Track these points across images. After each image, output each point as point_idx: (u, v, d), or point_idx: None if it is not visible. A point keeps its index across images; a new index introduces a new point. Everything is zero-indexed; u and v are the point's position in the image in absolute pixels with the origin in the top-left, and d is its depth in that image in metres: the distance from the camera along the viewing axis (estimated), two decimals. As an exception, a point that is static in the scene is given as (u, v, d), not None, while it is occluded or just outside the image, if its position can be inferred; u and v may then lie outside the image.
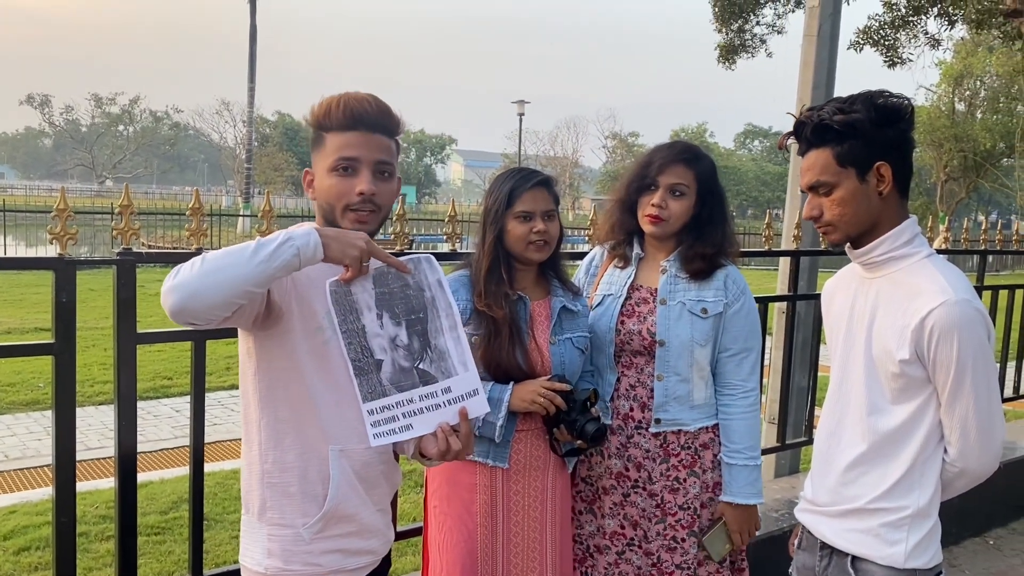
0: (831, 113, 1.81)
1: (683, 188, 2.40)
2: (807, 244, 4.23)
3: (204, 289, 1.51)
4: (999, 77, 30.88)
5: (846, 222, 1.84)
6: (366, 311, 1.69)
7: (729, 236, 2.46)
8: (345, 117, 1.78)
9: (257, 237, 1.59)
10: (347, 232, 1.67)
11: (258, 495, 1.79)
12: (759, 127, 74.90)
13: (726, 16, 12.96)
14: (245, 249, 1.54)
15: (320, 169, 1.80)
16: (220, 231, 24.92)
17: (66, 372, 2.22)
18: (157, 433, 6.80)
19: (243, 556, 1.83)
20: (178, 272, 1.53)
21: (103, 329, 9.46)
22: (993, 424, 1.79)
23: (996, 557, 4.42)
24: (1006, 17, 11.62)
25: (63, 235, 2.21)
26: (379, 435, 1.71)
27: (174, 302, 1.52)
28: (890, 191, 1.81)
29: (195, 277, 1.51)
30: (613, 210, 2.55)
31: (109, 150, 69.67)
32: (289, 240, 1.56)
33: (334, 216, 1.79)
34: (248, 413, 1.80)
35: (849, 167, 1.80)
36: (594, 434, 2.21)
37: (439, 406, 1.72)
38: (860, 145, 1.79)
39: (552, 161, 63.69)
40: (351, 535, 1.81)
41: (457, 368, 1.71)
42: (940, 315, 1.72)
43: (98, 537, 4.50)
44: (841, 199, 1.82)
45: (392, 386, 1.71)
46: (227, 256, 1.53)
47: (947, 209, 34.24)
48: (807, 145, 1.86)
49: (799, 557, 2.07)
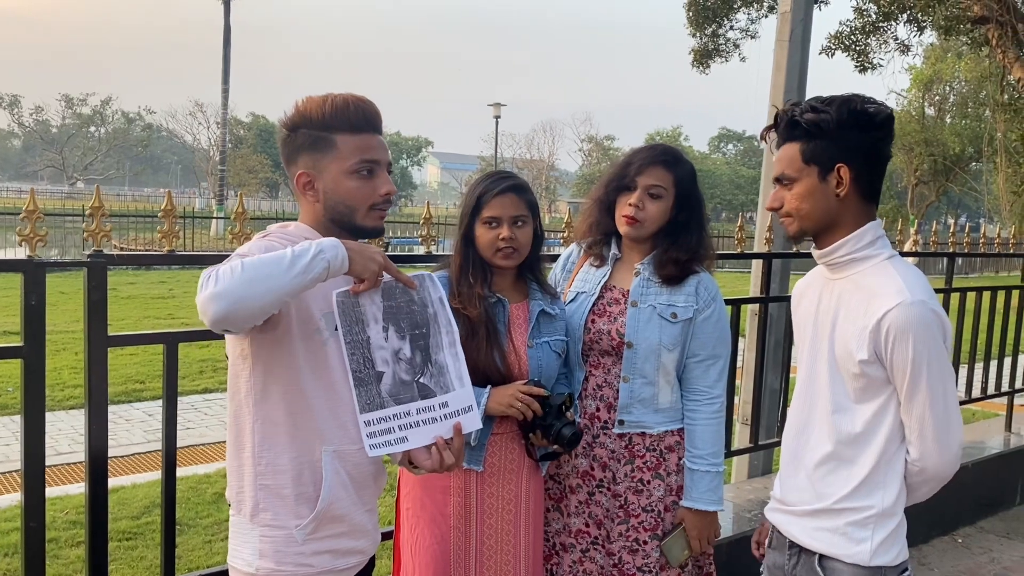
0: (803, 111, 1.86)
1: (661, 190, 2.41)
2: (779, 247, 4.27)
3: (248, 297, 1.52)
4: (968, 83, 31.36)
5: (802, 216, 1.89)
6: (372, 323, 1.72)
7: (704, 243, 2.47)
8: (359, 118, 1.80)
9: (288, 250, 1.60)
10: (367, 247, 1.71)
11: (250, 497, 1.78)
12: (733, 131, 75.53)
13: (700, 21, 13.07)
14: (281, 260, 1.56)
15: (334, 171, 1.79)
16: (193, 233, 24.70)
17: (35, 376, 2.20)
18: (129, 437, 6.73)
19: (232, 557, 1.83)
20: (217, 279, 1.52)
21: (74, 332, 9.34)
22: (950, 424, 1.82)
23: (964, 555, 4.49)
24: (974, 24, 11.81)
25: (32, 237, 2.18)
26: (375, 446, 1.75)
27: (219, 310, 1.52)
28: (848, 193, 1.84)
29: (239, 285, 1.52)
30: (591, 209, 2.56)
31: (80, 151, 68.78)
32: (321, 253, 1.59)
33: (354, 217, 1.81)
34: (240, 415, 1.79)
35: (812, 165, 1.85)
36: (570, 438, 2.22)
37: (435, 420, 1.76)
38: (824, 145, 1.83)
39: (528, 164, 63.80)
40: (342, 535, 1.83)
41: (454, 383, 1.75)
42: (896, 316, 1.76)
43: (68, 543, 4.44)
44: (800, 194, 1.88)
45: (390, 398, 1.74)
46: (265, 266, 1.55)
47: (917, 212, 34.67)
48: (782, 138, 1.91)
49: (770, 556, 2.10)
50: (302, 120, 1.80)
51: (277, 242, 1.77)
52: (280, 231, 1.84)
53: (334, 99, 1.80)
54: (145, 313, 12.48)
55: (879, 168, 1.88)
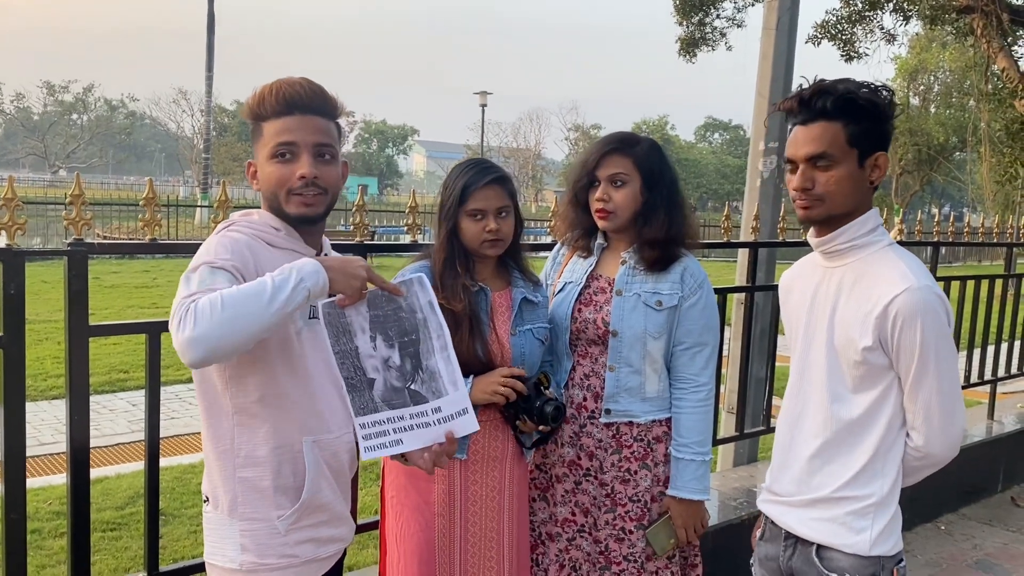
0: (858, 87, 1.80)
1: (623, 177, 2.40)
2: (765, 236, 4.28)
3: (225, 338, 1.52)
4: (952, 73, 31.51)
5: (835, 200, 1.83)
6: (360, 333, 1.71)
7: (678, 221, 2.42)
8: (279, 103, 1.78)
9: (268, 279, 1.58)
10: (349, 261, 1.69)
11: (228, 491, 1.76)
12: (719, 120, 75.51)
13: (687, 9, 13.04)
14: (261, 294, 1.54)
15: (261, 158, 1.80)
16: (177, 222, 24.53)
17: (15, 366, 2.17)
18: (113, 427, 6.69)
19: (211, 554, 1.80)
20: (195, 321, 1.50)
21: (56, 322, 9.26)
22: (955, 408, 1.82)
23: (947, 542, 4.53)
24: (959, 13, 11.84)
25: (11, 225, 2.15)
26: (370, 448, 1.76)
27: (197, 356, 1.52)
28: (878, 183, 1.84)
29: (217, 328, 1.50)
30: (567, 210, 2.56)
31: (62, 139, 68.00)
32: (301, 283, 1.58)
33: (279, 204, 1.79)
34: (213, 409, 1.77)
35: (854, 148, 1.80)
36: (552, 414, 2.23)
37: (428, 424, 1.76)
38: (873, 130, 1.80)
39: (515, 153, 63.67)
40: (323, 524, 1.83)
41: (447, 388, 1.74)
42: (904, 301, 1.75)
43: (52, 534, 4.42)
44: (839, 177, 1.81)
45: (384, 403, 1.74)
46: (244, 302, 1.53)
47: (902, 202, 34.86)
48: (817, 115, 1.82)
49: (762, 548, 2.09)
50: (247, 112, 1.83)
51: (242, 234, 1.75)
52: (244, 220, 1.82)
53: (264, 87, 1.80)
54: (129, 302, 12.39)
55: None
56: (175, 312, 1.54)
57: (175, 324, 1.53)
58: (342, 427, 1.86)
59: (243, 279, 1.66)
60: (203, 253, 1.70)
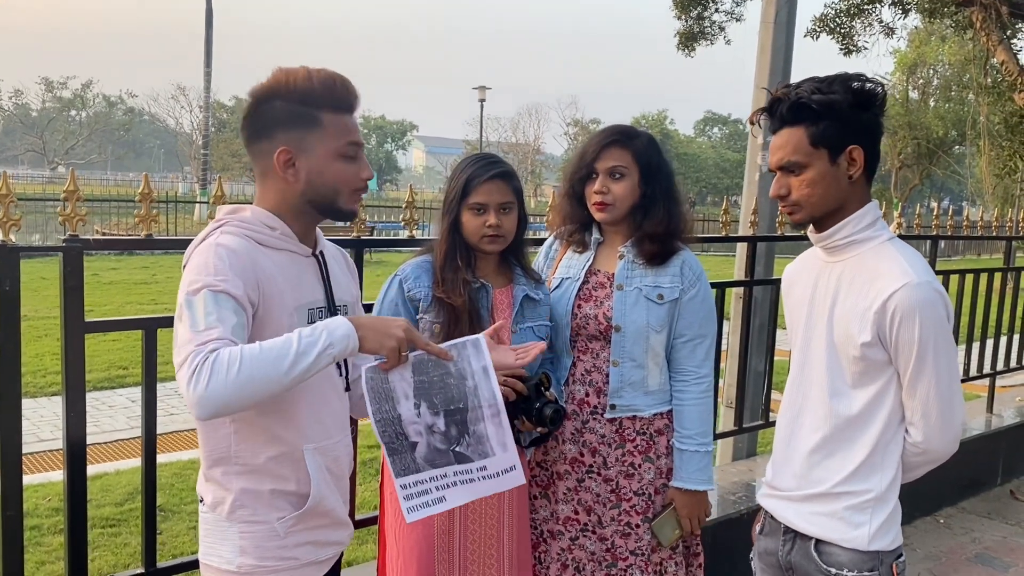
0: (809, 92, 1.79)
1: (622, 169, 2.39)
2: (764, 230, 4.27)
3: (237, 400, 1.48)
4: (951, 66, 31.42)
5: (813, 203, 1.83)
6: (403, 399, 1.64)
7: (677, 215, 2.43)
8: (346, 97, 1.73)
9: (294, 341, 1.53)
10: (386, 322, 1.63)
11: (227, 495, 1.72)
12: (718, 114, 75.42)
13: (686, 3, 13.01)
14: (283, 358, 1.49)
15: (321, 152, 1.70)
16: (176, 218, 24.50)
17: (11, 363, 2.16)
18: (112, 424, 6.69)
19: (207, 555, 1.77)
20: (209, 378, 1.45)
21: (55, 318, 9.23)
22: (954, 404, 1.82)
23: (946, 535, 4.53)
24: (958, 6, 11.82)
25: (6, 221, 2.14)
26: (413, 508, 1.70)
27: (204, 415, 1.49)
28: (860, 175, 1.82)
29: (228, 389, 1.46)
30: (563, 204, 2.55)
31: (61, 135, 67.90)
32: (329, 348, 1.53)
33: (336, 200, 1.74)
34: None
35: (822, 148, 1.80)
36: (552, 416, 2.21)
37: (473, 480, 1.70)
38: (835, 127, 1.78)
39: (514, 148, 63.57)
40: (323, 527, 1.81)
41: (495, 449, 1.68)
42: (902, 297, 1.74)
43: (51, 530, 4.42)
44: (811, 180, 1.81)
45: (426, 463, 1.68)
46: (263, 367, 1.48)
47: (901, 195, 34.82)
48: (780, 123, 1.84)
49: (761, 542, 2.09)
50: (283, 91, 1.69)
51: (235, 236, 1.67)
52: (235, 218, 1.72)
53: (319, 73, 1.70)
54: (128, 299, 12.39)
55: (879, 146, 1.86)
56: (188, 358, 1.48)
57: (187, 372, 1.47)
58: (342, 431, 1.84)
59: (248, 303, 1.61)
60: (201, 269, 1.60)
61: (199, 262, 1.62)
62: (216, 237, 1.68)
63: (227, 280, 1.58)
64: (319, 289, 1.79)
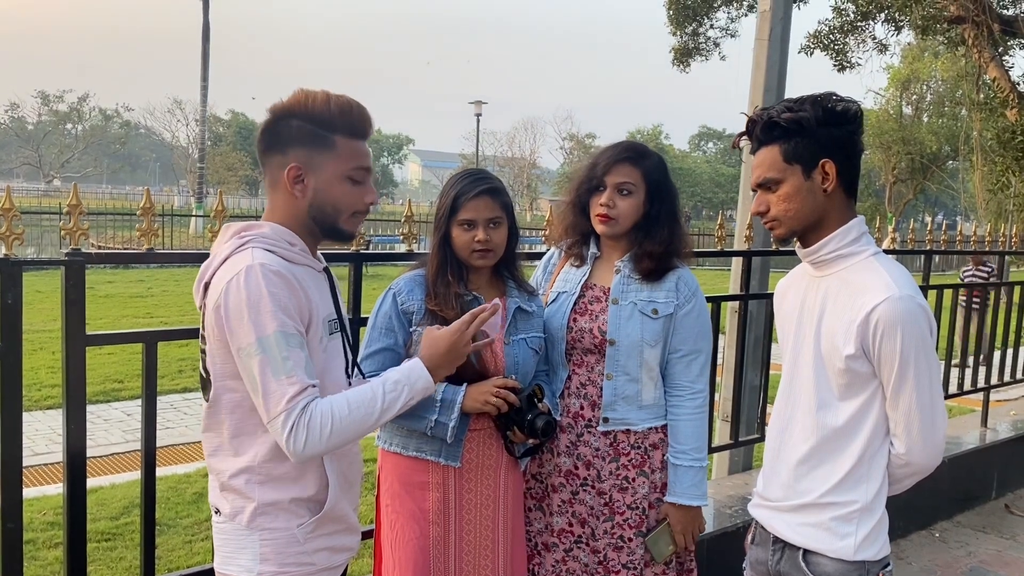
0: (779, 112, 1.86)
1: (630, 186, 2.42)
2: (759, 244, 4.30)
3: (327, 451, 1.74)
4: (944, 82, 31.68)
5: (790, 217, 1.89)
6: None
7: (678, 236, 2.47)
8: (361, 124, 1.80)
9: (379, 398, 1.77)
10: (447, 349, 1.91)
11: (248, 503, 1.76)
12: (713, 129, 75.78)
13: (680, 19, 13.12)
14: (370, 415, 1.74)
15: (329, 172, 1.76)
16: (172, 231, 24.51)
17: (12, 375, 2.17)
18: (108, 437, 6.68)
19: (223, 564, 1.80)
20: (306, 438, 1.65)
21: (51, 331, 9.25)
22: (935, 416, 1.84)
23: (941, 549, 4.54)
24: (950, 23, 11.93)
25: (8, 235, 2.16)
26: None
27: (299, 464, 1.75)
28: (834, 188, 1.86)
29: (321, 446, 1.68)
30: (566, 213, 2.57)
31: (57, 149, 67.95)
32: (409, 401, 1.82)
33: (336, 220, 1.81)
34: (244, 427, 1.75)
35: (795, 164, 1.86)
36: (543, 428, 2.23)
37: None
38: (806, 143, 1.84)
39: (509, 162, 63.75)
40: (338, 533, 1.87)
41: None
42: (884, 310, 1.77)
43: (46, 544, 4.41)
44: (787, 195, 1.87)
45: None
46: (352, 425, 1.71)
47: (895, 210, 34.96)
48: (757, 143, 1.91)
49: (752, 552, 2.11)
50: (301, 111, 1.75)
51: (268, 255, 1.70)
52: (257, 234, 1.74)
53: (338, 99, 1.77)
54: (123, 312, 12.38)
55: (857, 161, 1.91)
56: (282, 415, 1.64)
57: (285, 429, 1.64)
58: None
59: (303, 328, 1.71)
60: (261, 301, 1.64)
61: (254, 294, 1.65)
62: (251, 257, 1.69)
63: (287, 311, 1.67)
64: (330, 302, 1.87)
